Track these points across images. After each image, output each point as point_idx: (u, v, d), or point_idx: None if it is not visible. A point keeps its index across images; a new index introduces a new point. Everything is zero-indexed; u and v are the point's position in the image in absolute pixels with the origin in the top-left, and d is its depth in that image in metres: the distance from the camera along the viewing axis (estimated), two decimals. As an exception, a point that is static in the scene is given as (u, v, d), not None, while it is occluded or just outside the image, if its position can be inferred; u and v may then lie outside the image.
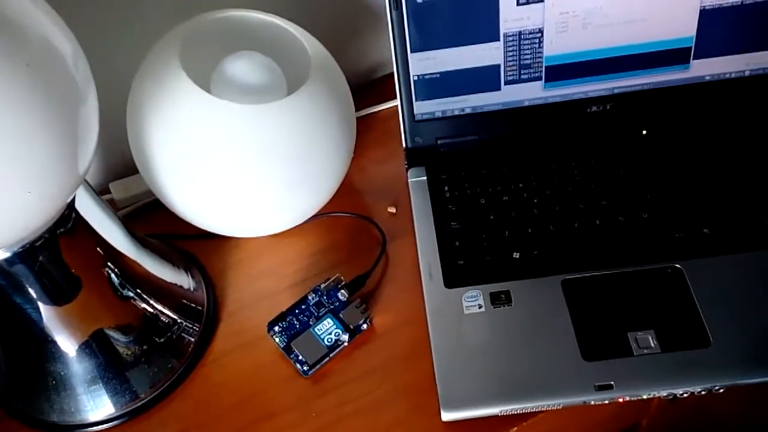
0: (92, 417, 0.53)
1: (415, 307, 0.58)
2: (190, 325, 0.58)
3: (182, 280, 0.59)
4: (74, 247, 0.49)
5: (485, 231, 0.60)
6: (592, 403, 0.51)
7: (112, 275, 0.52)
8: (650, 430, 0.70)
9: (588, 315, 0.54)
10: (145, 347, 0.54)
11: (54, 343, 0.50)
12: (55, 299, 0.48)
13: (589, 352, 0.52)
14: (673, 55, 0.63)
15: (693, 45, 0.62)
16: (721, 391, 0.51)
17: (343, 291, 0.58)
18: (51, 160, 0.40)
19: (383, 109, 0.75)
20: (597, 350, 0.52)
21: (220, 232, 0.62)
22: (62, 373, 0.52)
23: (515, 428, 0.52)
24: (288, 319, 0.57)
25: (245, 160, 0.54)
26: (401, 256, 0.63)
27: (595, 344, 0.52)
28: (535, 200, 0.61)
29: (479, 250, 0.59)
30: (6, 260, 0.44)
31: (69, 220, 0.47)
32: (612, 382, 0.51)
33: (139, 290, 0.54)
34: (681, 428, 0.75)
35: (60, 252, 0.47)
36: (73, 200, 0.48)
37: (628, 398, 0.51)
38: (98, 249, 0.51)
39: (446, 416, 0.51)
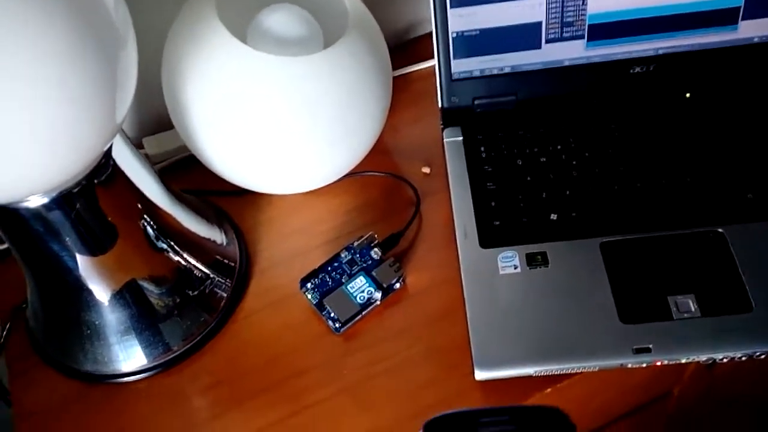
0: (125, 367, 0.54)
1: (449, 268, 0.57)
2: (223, 281, 0.57)
3: (215, 235, 0.59)
4: (111, 197, 0.48)
5: (522, 192, 0.59)
6: (630, 366, 0.50)
7: (148, 227, 0.52)
8: (682, 399, 0.70)
9: (627, 278, 0.53)
10: (177, 300, 0.54)
11: (89, 292, 0.50)
12: (91, 248, 0.48)
13: (628, 315, 0.51)
14: (721, 16, 0.60)
15: (742, 5, 0.60)
16: (762, 357, 0.50)
17: (376, 249, 0.58)
18: (90, 104, 0.39)
19: (417, 70, 0.74)
20: (635, 313, 0.51)
21: (253, 188, 0.62)
22: (96, 322, 0.52)
23: (549, 389, 0.52)
24: (320, 276, 0.57)
25: (281, 114, 0.53)
26: (435, 217, 0.62)
27: (634, 307, 0.51)
28: (574, 162, 0.60)
29: (516, 211, 0.58)
30: (44, 206, 0.44)
31: (106, 169, 0.47)
32: (650, 346, 0.50)
33: (173, 243, 0.54)
34: (713, 398, 0.74)
35: (97, 201, 0.47)
36: (110, 150, 0.47)
37: (666, 362, 0.50)
38: (135, 200, 0.51)
39: (480, 375, 0.50)
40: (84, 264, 0.49)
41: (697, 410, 0.77)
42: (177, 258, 0.54)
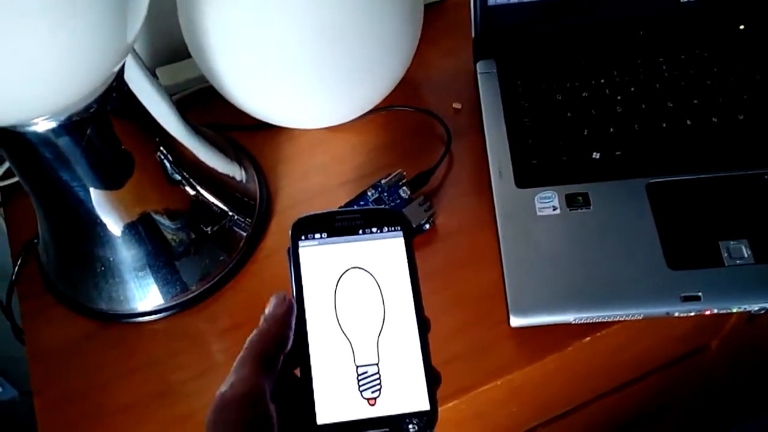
0: (141, 307, 0.51)
1: (482, 209, 0.54)
2: (242, 219, 0.54)
3: (234, 171, 0.56)
4: (125, 125, 0.45)
5: (562, 129, 0.55)
6: (676, 314, 0.47)
7: (164, 159, 0.48)
8: (719, 353, 0.67)
9: (675, 221, 0.49)
10: (193, 236, 0.51)
11: (102, 225, 0.47)
12: (104, 178, 0.45)
13: (676, 260, 0.48)
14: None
15: (807, -73, 0.55)
16: (819, 307, 0.47)
17: (404, 188, 0.54)
18: (98, 19, 0.36)
19: None
20: (684, 259, 0.48)
21: (273, 122, 0.58)
22: (110, 258, 0.49)
23: (588, 338, 0.49)
24: (345, 216, 0.54)
25: (303, 39, 0.49)
26: (467, 155, 0.58)
27: (683, 252, 0.48)
28: (619, 97, 0.56)
29: (555, 149, 0.54)
30: (52, 130, 0.41)
31: (119, 95, 0.44)
32: (700, 294, 0.46)
33: (189, 177, 0.51)
34: (751, 353, 0.71)
35: (111, 128, 0.44)
36: (122, 73, 0.44)
37: (715, 311, 0.47)
38: (150, 130, 0.48)
39: (515, 322, 0.47)
40: (96, 195, 0.46)
41: (733, 366, 0.74)
42: (194, 192, 0.51)
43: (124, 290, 0.50)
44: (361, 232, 0.36)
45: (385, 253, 0.36)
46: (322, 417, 0.33)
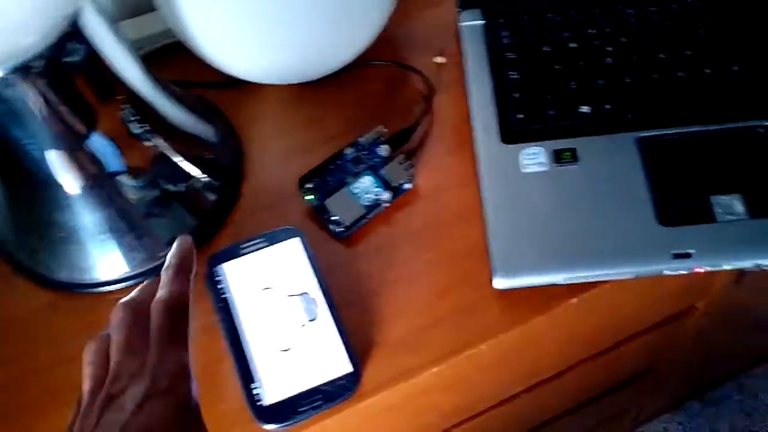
0: (104, 275, 0.48)
1: (464, 167, 0.52)
2: (212, 181, 0.51)
3: (204, 130, 0.52)
4: (84, 79, 0.42)
5: (549, 82, 0.52)
6: (666, 273, 0.45)
7: (128, 116, 0.45)
8: (706, 314, 0.66)
9: (666, 176, 0.47)
10: (160, 199, 0.48)
11: (59, 187, 0.44)
12: (60, 136, 0.42)
13: (667, 216, 0.46)
14: None
15: None
16: (815, 264, 0.45)
17: (384, 146, 0.52)
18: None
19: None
20: (675, 215, 0.46)
21: (244, 77, 0.55)
22: (70, 223, 0.46)
23: (575, 299, 0.47)
24: (322, 176, 0.51)
25: (275, -14, 0.46)
26: (449, 112, 0.55)
27: (674, 208, 0.46)
28: (609, 48, 0.53)
29: (542, 103, 0.51)
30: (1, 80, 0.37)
31: (76, 43, 0.40)
32: (691, 251, 0.44)
33: (156, 135, 0.47)
34: (738, 315, 0.70)
35: (68, 81, 0.40)
36: (76, 20, 0.40)
37: (708, 269, 0.45)
38: (112, 84, 0.44)
39: (499, 284, 0.45)
40: (52, 154, 0.42)
41: (719, 327, 0.73)
42: (160, 152, 0.48)
43: (86, 258, 0.47)
44: (264, 248, 0.46)
45: (287, 257, 0.46)
46: (268, 398, 0.42)
